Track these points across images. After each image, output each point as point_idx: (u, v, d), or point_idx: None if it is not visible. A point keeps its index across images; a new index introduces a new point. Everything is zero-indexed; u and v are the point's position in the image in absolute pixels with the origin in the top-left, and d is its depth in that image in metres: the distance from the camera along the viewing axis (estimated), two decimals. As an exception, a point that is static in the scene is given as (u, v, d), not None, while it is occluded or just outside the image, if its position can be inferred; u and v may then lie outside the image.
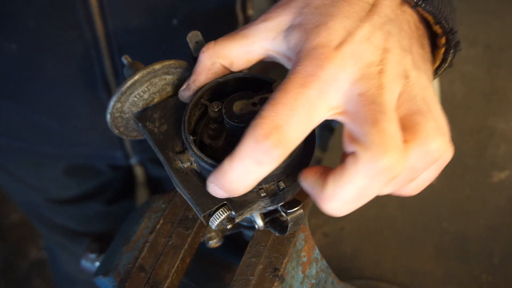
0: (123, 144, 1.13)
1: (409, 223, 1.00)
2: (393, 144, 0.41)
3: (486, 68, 1.20)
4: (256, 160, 0.42)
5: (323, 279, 0.65)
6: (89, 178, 1.30)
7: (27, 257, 2.24)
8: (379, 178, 0.41)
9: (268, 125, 0.41)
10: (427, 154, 0.43)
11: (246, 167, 0.43)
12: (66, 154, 1.18)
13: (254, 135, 0.42)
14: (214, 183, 0.45)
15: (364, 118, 0.42)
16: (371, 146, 0.40)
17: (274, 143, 0.41)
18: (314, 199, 0.45)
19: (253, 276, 0.58)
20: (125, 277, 0.61)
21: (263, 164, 0.42)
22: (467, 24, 1.28)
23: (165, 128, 0.57)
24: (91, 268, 0.83)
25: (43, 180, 1.27)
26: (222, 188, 0.45)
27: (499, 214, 1.00)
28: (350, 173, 0.42)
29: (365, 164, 0.41)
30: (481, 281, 0.93)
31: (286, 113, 0.42)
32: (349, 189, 0.42)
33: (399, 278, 0.94)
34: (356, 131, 0.42)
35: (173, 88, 0.60)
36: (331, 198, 0.43)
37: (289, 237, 0.61)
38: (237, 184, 0.44)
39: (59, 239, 1.41)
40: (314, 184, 0.45)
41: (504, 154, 1.08)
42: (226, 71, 0.55)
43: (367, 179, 0.42)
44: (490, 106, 1.15)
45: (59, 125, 1.07)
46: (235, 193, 0.45)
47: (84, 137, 1.11)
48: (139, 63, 0.61)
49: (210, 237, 0.70)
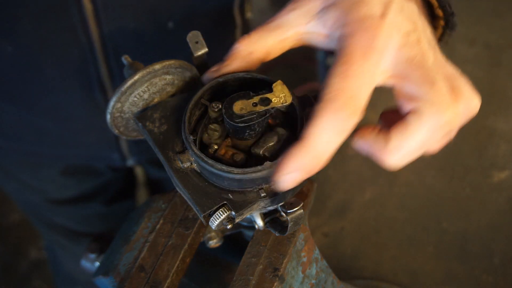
0: (120, 146, 1.13)
1: (409, 223, 1.00)
2: (451, 101, 0.49)
3: (486, 68, 1.20)
4: (337, 130, 0.47)
5: (323, 279, 0.65)
6: (88, 179, 1.30)
7: (27, 257, 2.24)
8: (441, 130, 0.49)
9: (343, 96, 0.46)
10: (470, 111, 0.52)
11: (328, 139, 0.47)
12: (64, 155, 1.18)
13: (332, 107, 0.46)
14: (295, 165, 0.47)
15: (421, 80, 0.48)
16: (435, 103, 0.48)
17: (352, 112, 0.47)
18: (375, 155, 0.51)
19: (253, 276, 0.58)
20: (125, 277, 0.61)
21: (343, 133, 0.47)
22: (467, 24, 1.28)
23: (165, 128, 0.57)
24: (91, 268, 0.83)
25: (42, 181, 1.27)
26: (304, 168, 0.48)
27: (499, 214, 1.00)
28: (415, 127, 0.48)
29: (430, 117, 0.48)
30: (481, 281, 0.93)
31: (355, 84, 0.47)
32: (413, 141, 0.49)
33: (399, 278, 0.94)
34: (415, 91, 0.48)
35: (173, 88, 0.60)
36: (395, 151, 0.50)
37: (289, 237, 0.61)
38: (320, 159, 0.47)
39: (59, 239, 1.41)
40: (374, 140, 0.51)
41: (504, 154, 1.08)
42: (259, 63, 0.56)
43: (430, 131, 0.48)
44: (490, 106, 1.15)
45: (56, 126, 1.07)
46: (316, 169, 0.48)
47: (81, 138, 1.12)
48: (139, 63, 0.61)
49: (210, 237, 0.70)
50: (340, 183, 1.06)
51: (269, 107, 0.51)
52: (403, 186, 1.04)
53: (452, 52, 1.23)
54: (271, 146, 0.54)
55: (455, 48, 1.24)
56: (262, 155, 0.53)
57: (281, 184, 0.49)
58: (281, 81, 0.52)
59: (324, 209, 1.03)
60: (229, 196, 0.52)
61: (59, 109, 1.03)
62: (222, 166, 0.50)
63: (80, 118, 1.05)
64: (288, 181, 0.49)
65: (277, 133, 0.54)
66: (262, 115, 0.51)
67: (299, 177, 0.48)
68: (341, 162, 1.09)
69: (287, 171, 0.48)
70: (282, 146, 0.54)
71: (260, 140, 0.54)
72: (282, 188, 0.49)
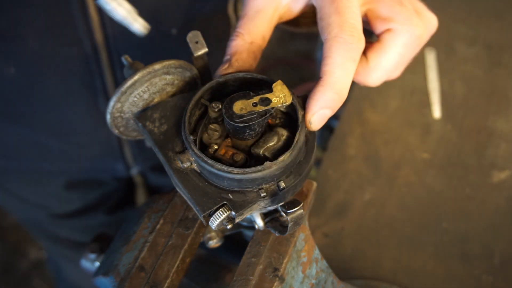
0: (124, 155, 1.13)
1: (409, 223, 1.00)
2: (419, 18, 0.55)
3: (486, 68, 1.20)
4: (351, 59, 0.51)
5: (323, 279, 0.65)
6: (90, 190, 1.29)
7: (27, 257, 2.24)
8: (413, 45, 0.55)
9: (347, 27, 0.51)
10: (431, 29, 0.59)
11: (346, 70, 0.51)
12: (67, 170, 1.17)
13: (342, 40, 0.51)
14: (321, 104, 0.51)
15: (391, 1, 0.56)
16: (406, 19, 0.54)
17: (358, 37, 0.52)
18: (357, 78, 0.57)
19: (253, 276, 0.58)
20: (125, 277, 0.61)
21: (355, 61, 0.52)
22: (467, 24, 1.28)
23: (165, 128, 0.57)
24: (91, 268, 0.83)
25: (44, 197, 1.26)
26: (330, 104, 0.52)
27: (499, 214, 1.00)
28: (391, 43, 0.55)
29: (403, 34, 0.54)
30: (481, 281, 0.93)
31: (350, 14, 0.52)
32: (391, 56, 0.55)
33: (399, 278, 0.94)
34: (388, 11, 0.55)
35: (173, 88, 0.60)
36: (375, 68, 0.56)
37: (289, 237, 0.61)
38: (343, 91, 0.52)
39: (63, 251, 1.40)
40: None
41: (504, 154, 1.08)
42: (261, 51, 0.58)
43: (404, 47, 0.55)
44: (490, 106, 1.15)
45: (60, 142, 1.07)
46: (340, 103, 0.53)
47: (85, 152, 1.11)
48: (139, 63, 0.61)
49: (210, 237, 0.70)
50: (340, 183, 1.06)
51: (269, 107, 0.51)
52: (403, 186, 1.04)
53: (452, 52, 1.23)
54: (271, 146, 0.54)
55: (455, 48, 1.24)
56: (262, 155, 0.53)
57: (313, 124, 0.53)
58: (281, 81, 0.52)
59: (324, 209, 1.03)
60: (229, 196, 0.52)
61: (62, 125, 1.03)
62: (222, 166, 0.50)
63: (84, 132, 1.05)
64: (318, 120, 0.52)
65: (277, 133, 0.54)
66: (262, 115, 0.51)
67: (327, 114, 0.52)
68: (341, 162, 1.09)
69: (316, 109, 0.52)
70: (282, 146, 0.54)
71: (260, 140, 0.54)
72: (315, 128, 0.53)
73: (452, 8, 1.32)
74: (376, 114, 1.16)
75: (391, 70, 0.57)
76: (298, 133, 0.52)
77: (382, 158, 1.09)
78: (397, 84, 1.20)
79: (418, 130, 1.12)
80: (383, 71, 0.57)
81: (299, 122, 0.53)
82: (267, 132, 0.55)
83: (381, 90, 1.19)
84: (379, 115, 1.16)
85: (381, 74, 0.57)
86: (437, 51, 1.22)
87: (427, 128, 1.12)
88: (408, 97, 1.18)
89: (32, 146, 1.09)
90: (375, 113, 1.16)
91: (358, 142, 1.12)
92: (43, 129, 1.04)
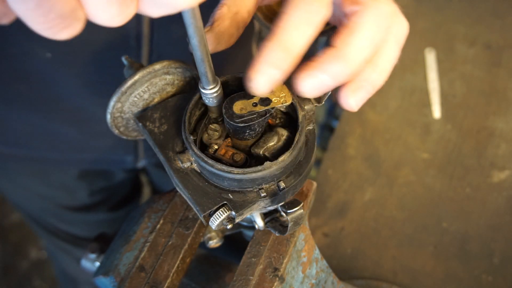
0: (137, 148, 1.13)
1: (409, 223, 1.00)
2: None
3: (486, 68, 1.20)
4: (309, 21, 0.47)
5: (323, 279, 0.65)
6: (97, 182, 1.29)
7: (27, 257, 2.24)
8: (383, 23, 0.52)
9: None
10: (403, 26, 0.56)
11: (300, 30, 0.47)
12: (77, 160, 1.17)
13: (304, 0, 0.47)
14: (268, 60, 0.46)
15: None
16: (373, 1, 0.51)
17: (322, 2, 0.48)
18: (330, 66, 0.51)
19: (253, 276, 0.58)
20: (125, 277, 0.61)
21: (314, 25, 0.48)
22: (467, 24, 1.28)
23: (165, 128, 0.57)
24: (91, 268, 0.83)
25: (51, 187, 1.26)
26: (278, 64, 0.46)
27: (499, 214, 1.00)
28: (360, 24, 0.51)
29: (372, 12, 0.51)
30: (481, 281, 0.93)
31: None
32: (363, 36, 0.51)
33: (399, 278, 0.94)
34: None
35: (173, 88, 0.60)
36: (345, 52, 0.50)
37: (289, 237, 0.61)
38: (293, 52, 0.47)
39: (60, 243, 1.41)
40: (325, 57, 0.51)
41: (504, 154, 1.08)
42: (244, 25, 0.56)
43: (374, 25, 0.51)
44: (490, 106, 1.15)
45: (75, 131, 1.06)
46: (289, 65, 0.47)
47: (97, 142, 1.11)
48: (139, 63, 0.61)
49: (210, 237, 0.70)
50: (340, 183, 1.06)
51: (269, 107, 0.51)
52: (403, 186, 1.04)
53: (452, 52, 1.23)
54: (271, 146, 0.54)
55: (455, 48, 1.24)
56: (262, 155, 0.53)
57: (256, 83, 0.47)
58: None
59: (324, 209, 1.03)
60: (229, 196, 0.52)
61: (77, 113, 1.02)
62: (222, 166, 0.50)
63: (99, 121, 1.04)
64: (264, 81, 0.47)
65: (277, 133, 0.54)
66: (262, 115, 0.51)
67: (275, 75, 0.46)
68: (341, 162, 1.09)
69: (261, 67, 0.46)
70: (282, 146, 0.54)
71: (260, 140, 0.54)
72: (256, 89, 0.47)
73: (452, 8, 1.32)
74: (376, 114, 1.16)
75: (366, 50, 0.51)
76: (298, 133, 0.52)
77: (382, 158, 1.09)
78: (397, 84, 1.20)
79: (418, 130, 1.12)
80: (356, 54, 0.50)
81: (299, 122, 0.53)
82: (267, 132, 0.55)
83: (381, 90, 1.19)
84: (379, 115, 1.16)
85: (354, 59, 0.50)
86: (437, 51, 1.23)
87: (427, 128, 1.12)
88: (408, 97, 1.18)
89: (44, 135, 1.08)
90: (375, 113, 1.16)
91: (358, 142, 1.12)
92: (57, 116, 1.03)
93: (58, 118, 1.03)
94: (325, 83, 0.49)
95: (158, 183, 1.39)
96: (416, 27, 1.27)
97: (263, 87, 0.47)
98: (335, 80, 0.50)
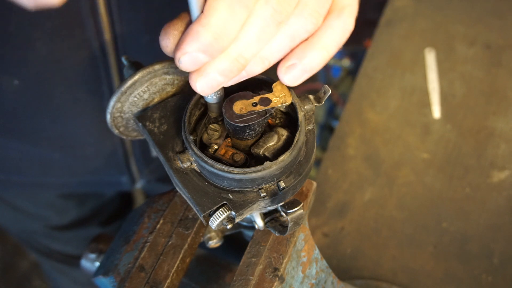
0: (130, 167, 1.10)
1: (409, 223, 1.00)
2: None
3: (486, 68, 1.20)
4: (245, 4, 0.42)
5: (323, 279, 0.65)
6: (88, 200, 1.28)
7: (27, 257, 2.24)
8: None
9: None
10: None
11: (230, 13, 0.42)
12: (69, 183, 1.15)
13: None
14: (194, 43, 0.42)
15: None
16: None
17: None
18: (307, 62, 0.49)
19: (253, 276, 0.58)
20: (125, 277, 0.61)
21: (246, 8, 0.42)
22: (467, 24, 1.28)
23: (165, 128, 0.57)
24: (91, 268, 0.83)
25: (41, 207, 1.24)
26: (205, 48, 0.43)
27: (499, 214, 1.00)
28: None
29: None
30: (481, 281, 0.93)
31: None
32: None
33: (399, 278, 0.94)
34: None
35: (173, 88, 0.60)
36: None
37: (289, 237, 0.61)
38: (222, 37, 0.43)
39: (56, 265, 1.39)
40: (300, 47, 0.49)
41: (504, 154, 1.08)
42: None
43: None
44: (490, 106, 1.15)
45: (63, 156, 1.05)
46: (217, 50, 0.43)
47: (89, 165, 1.09)
48: (139, 63, 0.61)
49: (210, 237, 0.70)
50: (340, 183, 1.06)
51: (269, 107, 0.51)
52: (403, 186, 1.04)
53: (452, 52, 1.23)
54: (271, 146, 0.54)
55: (455, 48, 1.24)
56: (262, 155, 0.53)
57: (183, 64, 0.44)
58: (281, 81, 0.52)
59: (324, 209, 1.03)
60: (229, 196, 0.52)
61: (67, 138, 1.01)
62: (222, 166, 0.50)
63: (90, 144, 1.03)
64: (189, 61, 0.44)
65: (277, 133, 0.54)
66: (262, 115, 0.51)
67: (201, 59, 0.43)
68: (341, 162, 1.09)
69: (188, 49, 0.43)
70: (282, 146, 0.54)
71: (260, 140, 0.54)
72: (183, 68, 0.45)
73: (452, 8, 1.32)
74: (376, 114, 1.16)
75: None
76: (298, 133, 0.52)
77: (382, 158, 1.09)
78: (397, 84, 1.20)
79: (418, 130, 1.12)
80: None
81: (299, 122, 0.53)
82: (267, 132, 0.55)
83: (381, 90, 1.19)
84: (379, 115, 1.16)
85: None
86: (437, 51, 1.23)
87: (427, 128, 1.12)
88: (408, 97, 1.18)
89: (35, 161, 1.07)
90: (375, 113, 1.16)
91: (358, 142, 1.12)
92: (47, 143, 1.02)
93: (48, 145, 1.02)
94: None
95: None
96: (416, 27, 1.27)
97: (188, 67, 0.45)
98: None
